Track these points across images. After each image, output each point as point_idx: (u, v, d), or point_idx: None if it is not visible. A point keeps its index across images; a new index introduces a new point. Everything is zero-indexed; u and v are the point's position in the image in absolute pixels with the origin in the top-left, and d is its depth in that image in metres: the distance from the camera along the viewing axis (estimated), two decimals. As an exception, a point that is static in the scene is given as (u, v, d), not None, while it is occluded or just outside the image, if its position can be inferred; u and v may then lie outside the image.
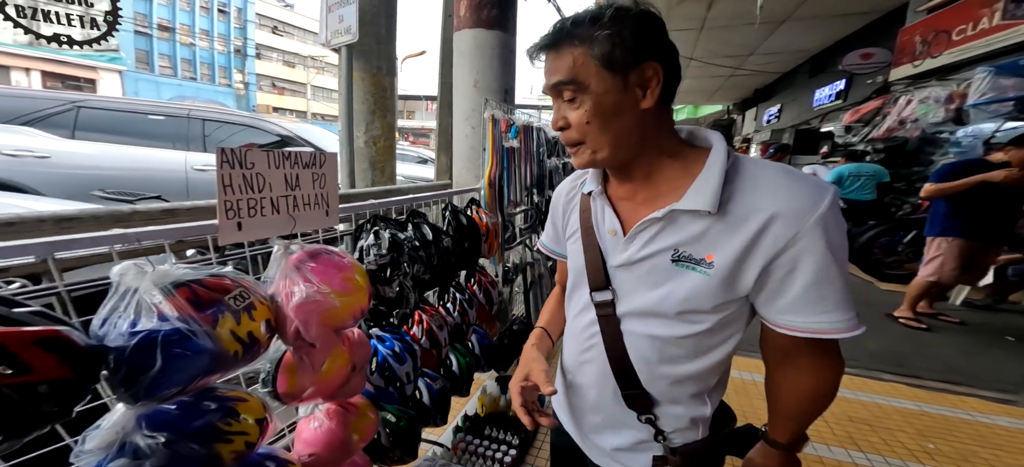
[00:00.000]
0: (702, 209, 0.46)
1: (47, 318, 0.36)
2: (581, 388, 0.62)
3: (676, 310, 0.49)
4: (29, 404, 0.31)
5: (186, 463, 0.47)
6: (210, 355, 0.44)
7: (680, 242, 0.48)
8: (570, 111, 0.49)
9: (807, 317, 0.45)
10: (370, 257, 0.89)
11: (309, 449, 0.80)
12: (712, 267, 0.46)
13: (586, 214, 0.59)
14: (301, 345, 0.63)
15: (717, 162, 0.47)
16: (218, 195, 0.52)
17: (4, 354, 0.30)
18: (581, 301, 0.60)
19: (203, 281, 0.48)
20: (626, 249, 0.53)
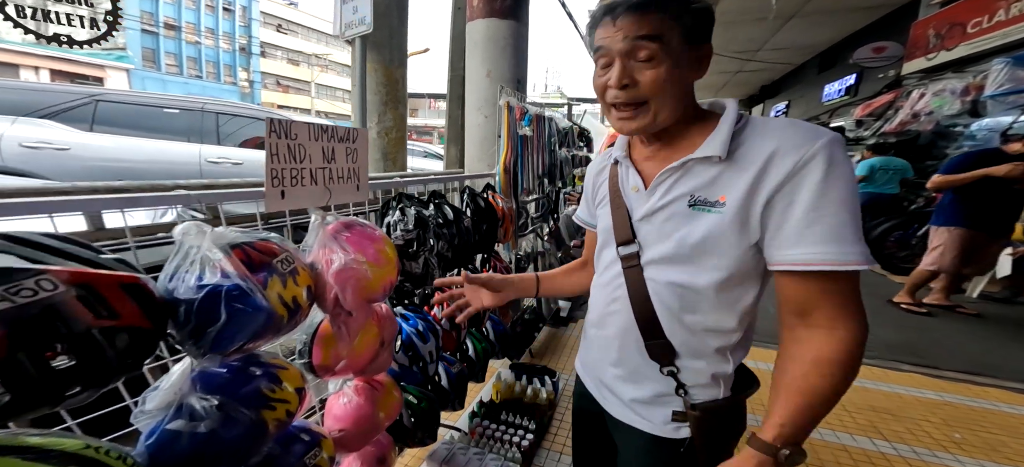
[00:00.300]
0: (713, 155, 0.49)
1: (128, 266, 0.37)
2: (605, 341, 0.64)
3: (693, 252, 0.52)
4: (113, 351, 0.32)
5: (236, 427, 0.48)
6: (265, 314, 0.46)
7: (695, 188, 0.51)
8: (643, 70, 0.49)
9: (809, 247, 0.44)
10: (397, 232, 0.90)
11: (339, 424, 0.81)
12: (724, 206, 0.49)
13: (614, 179, 0.63)
14: (339, 313, 0.64)
15: (729, 117, 0.52)
16: (266, 163, 0.53)
17: (96, 296, 0.31)
18: (608, 258, 0.63)
19: (254, 244, 0.50)
20: (647, 200, 0.56)
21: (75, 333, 0.30)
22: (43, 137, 2.38)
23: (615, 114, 0.54)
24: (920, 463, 1.43)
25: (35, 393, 0.29)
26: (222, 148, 2.79)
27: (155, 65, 19.41)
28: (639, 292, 0.57)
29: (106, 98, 2.65)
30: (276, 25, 26.34)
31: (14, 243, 0.30)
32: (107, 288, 0.32)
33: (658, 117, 0.52)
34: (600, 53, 0.52)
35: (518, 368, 1.86)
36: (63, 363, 0.30)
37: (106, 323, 0.32)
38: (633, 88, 0.50)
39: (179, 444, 0.42)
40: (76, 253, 0.33)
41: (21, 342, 0.27)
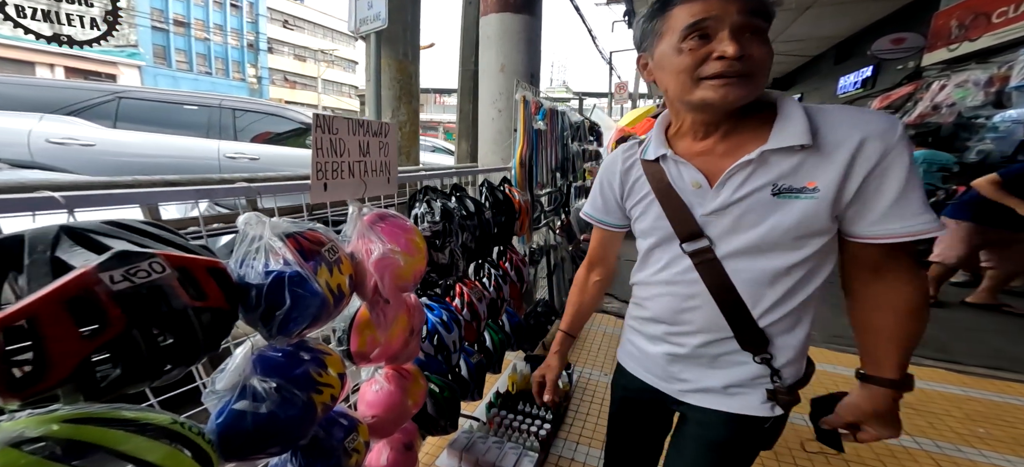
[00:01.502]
0: (795, 144, 0.51)
1: (209, 251, 0.39)
2: (685, 337, 0.65)
3: (785, 238, 0.54)
4: (201, 329, 0.35)
5: (292, 408, 0.51)
6: (320, 299, 0.48)
7: (776, 178, 0.53)
8: (756, 45, 0.51)
9: (900, 222, 0.50)
10: (424, 224, 0.92)
11: (372, 411, 0.84)
12: (817, 191, 0.51)
13: (659, 176, 0.63)
14: (378, 301, 0.66)
15: (794, 106, 0.54)
16: (313, 157, 0.55)
17: (190, 278, 0.33)
18: (666, 255, 0.64)
19: (305, 234, 0.52)
20: (716, 197, 0.57)
21: (176, 312, 0.32)
22: (69, 133, 2.45)
23: (716, 82, 0.52)
24: (943, 457, 1.42)
25: (142, 367, 0.31)
26: (239, 144, 2.85)
27: (166, 62, 19.67)
28: (722, 285, 0.58)
29: (129, 95, 2.71)
30: (283, 21, 26.44)
31: (122, 229, 0.33)
32: (198, 271, 0.35)
33: (755, 92, 0.53)
34: (699, 26, 0.51)
35: (533, 360, 1.89)
36: (164, 341, 0.33)
37: (198, 304, 0.34)
38: (748, 61, 0.51)
39: (244, 423, 0.45)
40: (170, 238, 0.36)
41: (136, 319, 0.30)
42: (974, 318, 2.59)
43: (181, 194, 0.48)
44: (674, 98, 0.58)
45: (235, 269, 0.42)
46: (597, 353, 2.17)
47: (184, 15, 20.06)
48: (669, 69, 0.56)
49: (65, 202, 0.37)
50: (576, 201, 3.15)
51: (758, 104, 0.57)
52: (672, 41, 0.54)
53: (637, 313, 0.74)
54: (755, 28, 0.50)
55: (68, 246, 0.30)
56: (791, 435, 0.72)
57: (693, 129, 0.60)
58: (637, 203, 0.68)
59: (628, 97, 11.82)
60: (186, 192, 0.48)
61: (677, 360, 0.67)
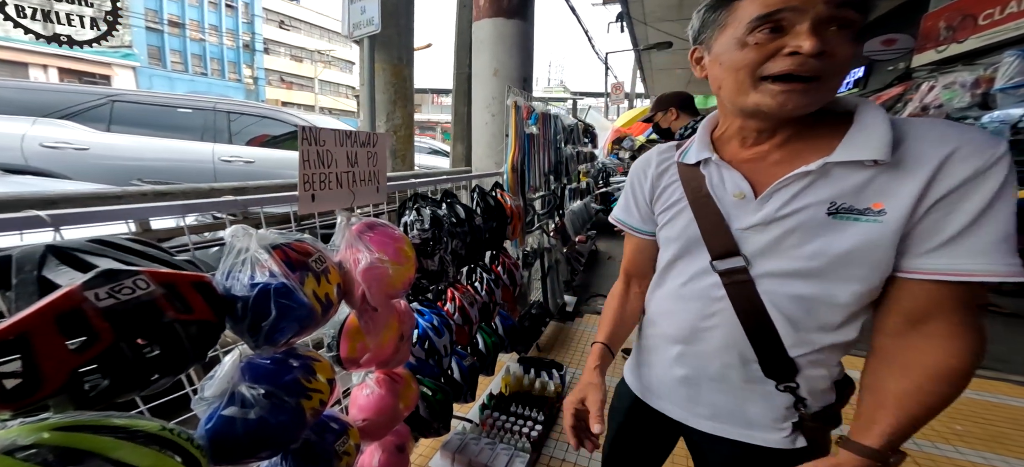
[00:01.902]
0: (867, 159, 0.43)
1: (194, 266, 0.41)
2: (700, 356, 0.58)
3: (833, 265, 0.46)
4: (188, 341, 0.37)
5: (281, 414, 0.53)
6: (307, 309, 0.50)
7: (836, 195, 0.45)
8: (841, 41, 0.42)
9: (960, 259, 0.41)
10: (414, 232, 0.94)
11: (363, 414, 0.86)
12: (883, 215, 0.43)
13: (696, 182, 0.56)
14: (366, 309, 0.68)
15: (876, 114, 0.45)
16: (300, 170, 0.57)
17: (175, 293, 0.35)
18: (691, 269, 0.57)
19: (292, 245, 0.54)
20: (759, 210, 0.50)
21: (161, 325, 0.34)
22: (63, 137, 2.45)
23: (778, 87, 0.44)
24: (921, 455, 1.45)
25: (129, 378, 0.33)
26: (234, 147, 2.85)
27: (161, 63, 19.55)
28: (751, 307, 0.51)
29: (122, 98, 2.71)
30: (279, 21, 26.34)
31: (108, 246, 0.34)
32: (184, 286, 0.36)
33: (824, 98, 0.45)
34: (772, 17, 0.43)
35: (526, 361, 1.91)
36: (149, 352, 0.34)
37: (184, 317, 0.36)
38: (827, 60, 0.42)
39: (234, 429, 0.46)
40: (155, 255, 0.37)
41: (122, 333, 0.31)
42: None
43: (167, 209, 0.50)
44: (726, 99, 0.51)
45: (222, 281, 0.44)
46: (588, 354, 2.19)
47: (179, 16, 19.95)
48: (727, 65, 0.48)
49: (51, 221, 0.38)
50: (570, 203, 3.18)
51: (829, 111, 0.49)
52: (736, 34, 0.46)
53: (650, 331, 0.67)
54: (844, 21, 0.41)
55: (54, 265, 0.32)
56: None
57: (742, 134, 0.53)
58: (666, 209, 0.61)
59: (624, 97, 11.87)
60: (172, 206, 0.49)
61: (691, 383, 0.60)
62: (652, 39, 6.17)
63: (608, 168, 5.62)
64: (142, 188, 0.66)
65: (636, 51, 7.13)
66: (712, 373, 0.58)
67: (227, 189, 0.74)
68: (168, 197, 0.67)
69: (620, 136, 6.55)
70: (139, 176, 2.35)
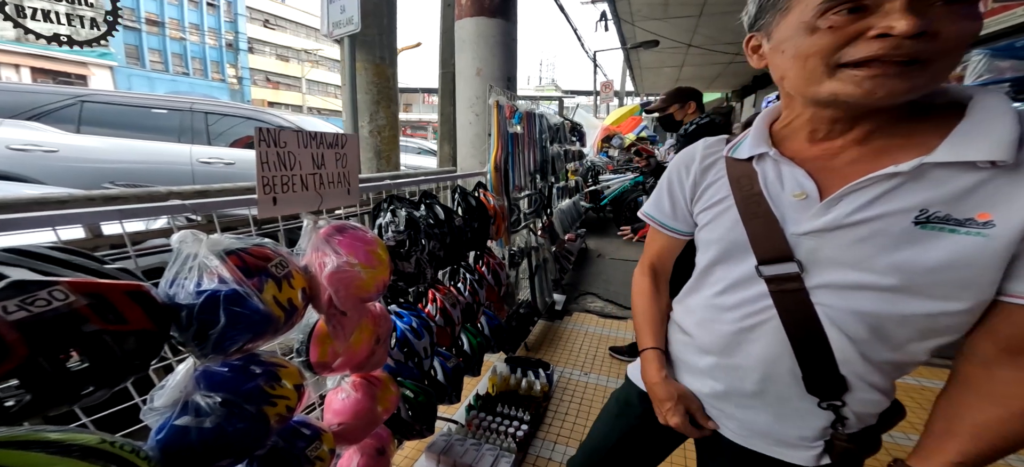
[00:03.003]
0: (981, 159, 0.36)
1: (131, 275, 0.39)
2: (735, 368, 0.53)
3: (917, 282, 0.39)
4: (123, 353, 0.35)
5: (240, 422, 0.52)
6: (262, 316, 0.48)
7: (930, 201, 0.38)
8: (953, 17, 0.34)
9: None
10: (388, 234, 0.92)
11: (338, 418, 0.85)
12: (991, 227, 0.36)
13: (747, 179, 0.50)
14: (333, 313, 0.67)
15: (1000, 104, 0.37)
16: (257, 172, 0.55)
17: (104, 304, 0.34)
18: (733, 275, 0.52)
19: (249, 250, 0.52)
20: (825, 213, 0.43)
21: (87, 337, 0.33)
22: (30, 139, 2.35)
23: (863, 72, 0.37)
24: (893, 445, 1.49)
25: (53, 392, 0.32)
26: (213, 148, 2.78)
27: (140, 62, 18.97)
28: (802, 320, 0.45)
29: (91, 98, 2.62)
30: (263, 20, 25.79)
31: (24, 256, 0.33)
32: (114, 296, 0.35)
33: (930, 85, 0.37)
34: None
35: (513, 361, 1.91)
36: (77, 364, 0.33)
37: (115, 327, 0.34)
38: (930, 40, 0.35)
39: (188, 438, 0.45)
40: (83, 264, 0.36)
41: (38, 347, 0.30)
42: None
43: (106, 215, 0.48)
44: (794, 89, 0.44)
45: (165, 290, 0.42)
46: (577, 353, 2.20)
47: (157, 14, 19.37)
48: (793, 53, 0.42)
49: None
50: (559, 201, 3.19)
51: (932, 102, 0.41)
52: (803, 16, 0.39)
53: (679, 337, 0.62)
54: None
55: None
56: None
57: (812, 125, 0.46)
58: (708, 208, 0.55)
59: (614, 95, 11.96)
60: (109, 212, 0.47)
61: (722, 397, 0.56)
62: (640, 38, 6.23)
63: (597, 166, 5.65)
64: (91, 193, 0.63)
65: (624, 50, 7.19)
66: (748, 388, 0.52)
67: (189, 192, 0.71)
68: (118, 201, 0.65)
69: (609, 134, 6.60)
70: (112, 179, 2.28)
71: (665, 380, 0.61)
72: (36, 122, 2.40)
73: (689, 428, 0.59)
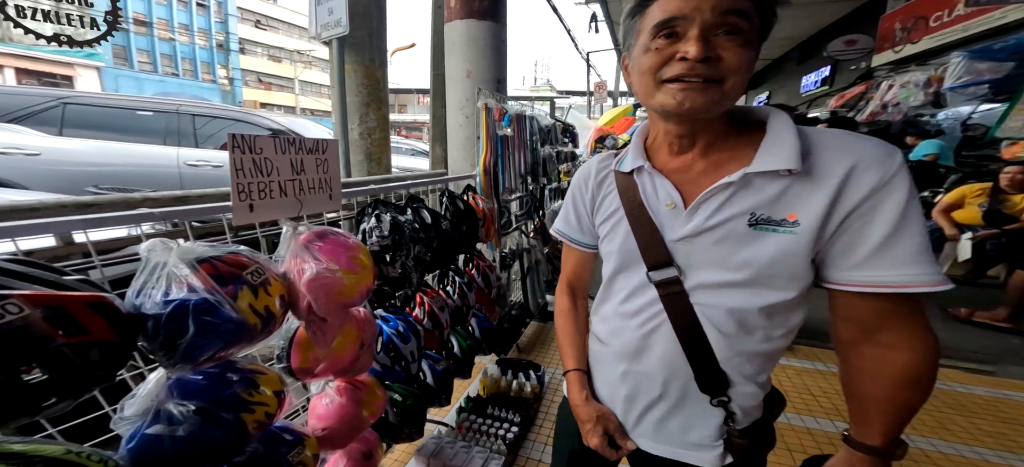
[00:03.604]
0: (781, 168, 0.45)
1: (92, 286, 0.39)
2: (643, 375, 0.57)
3: (759, 275, 0.47)
4: (84, 364, 0.35)
5: (216, 429, 0.51)
6: (235, 324, 0.48)
7: (756, 206, 0.47)
8: (728, 45, 0.43)
9: (886, 269, 0.42)
10: (372, 239, 0.92)
11: (322, 423, 0.84)
12: (797, 225, 0.45)
13: (632, 192, 0.56)
14: (313, 320, 0.66)
15: (785, 125, 0.47)
16: (231, 178, 0.55)
17: (62, 316, 0.33)
18: (631, 283, 0.56)
19: (223, 257, 0.52)
20: (689, 220, 0.50)
21: (45, 350, 0.32)
22: (11, 142, 2.30)
23: (677, 86, 0.46)
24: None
25: (10, 405, 0.31)
26: (201, 151, 2.74)
27: (128, 62, 18.63)
28: (686, 321, 0.51)
29: (74, 101, 2.57)
30: (255, 21, 25.51)
31: None
32: (74, 307, 0.35)
33: (726, 101, 0.46)
34: (668, 24, 0.45)
35: (504, 363, 1.91)
36: (36, 377, 0.32)
37: (75, 339, 0.34)
38: (715, 63, 0.44)
39: (160, 447, 0.45)
40: (40, 276, 0.35)
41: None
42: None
43: (72, 224, 0.47)
44: (640, 100, 0.52)
45: (131, 300, 0.42)
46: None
47: (145, 14, 19.05)
48: (638, 70, 0.50)
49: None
50: (551, 203, 3.20)
51: (746, 120, 0.51)
52: (644, 40, 0.48)
53: (598, 348, 0.65)
54: (731, 27, 0.43)
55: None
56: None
57: (668, 141, 0.54)
58: (606, 220, 0.60)
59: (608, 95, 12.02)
60: (73, 222, 0.47)
61: (634, 401, 0.59)
62: (631, 39, 6.26)
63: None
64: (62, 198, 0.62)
65: (618, 50, 7.25)
66: (656, 392, 0.57)
67: (165, 200, 0.70)
68: (89, 209, 0.64)
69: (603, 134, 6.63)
70: (96, 182, 2.24)
71: (586, 401, 0.64)
72: (17, 125, 2.35)
73: (607, 449, 0.62)
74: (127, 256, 0.71)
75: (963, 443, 1.52)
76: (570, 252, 0.71)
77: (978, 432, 1.58)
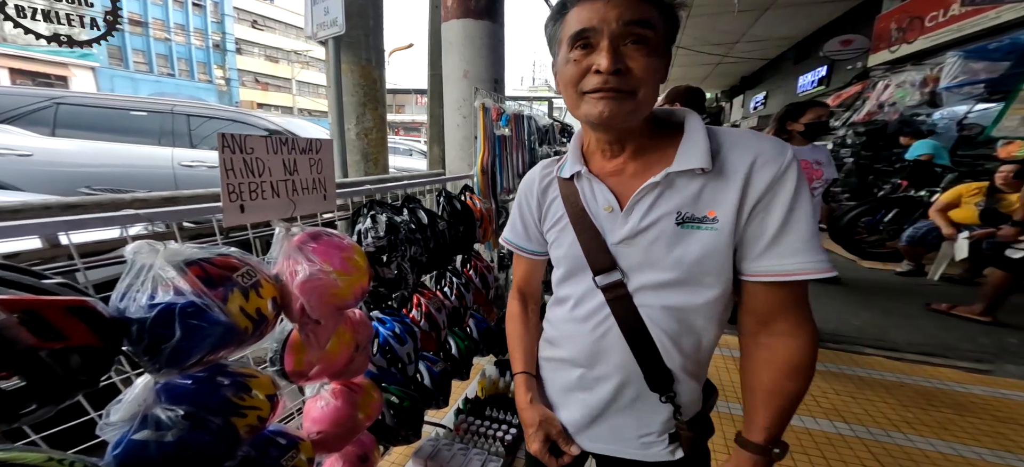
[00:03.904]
0: (696, 167, 0.47)
1: (73, 290, 0.38)
2: (598, 380, 0.58)
3: (691, 273, 0.49)
4: (64, 370, 0.34)
5: (205, 434, 0.50)
6: (224, 327, 0.47)
7: (681, 205, 0.49)
8: (636, 55, 0.45)
9: (782, 259, 0.46)
10: (368, 240, 0.91)
11: (317, 427, 0.83)
12: (717, 222, 0.48)
13: (574, 197, 0.56)
14: (306, 322, 0.65)
15: (697, 126, 0.50)
16: (221, 179, 0.54)
17: (40, 321, 0.32)
18: (580, 289, 0.57)
19: (212, 260, 0.51)
20: (626, 222, 0.51)
21: (21, 356, 0.31)
22: (3, 143, 2.27)
23: (596, 97, 0.47)
24: (874, 443, 1.52)
25: None
26: (196, 151, 2.72)
27: (123, 62, 18.51)
28: (632, 323, 0.52)
29: (66, 101, 2.54)
30: (251, 21, 25.41)
31: None
32: (52, 312, 0.33)
33: (640, 109, 0.47)
34: (582, 36, 0.46)
35: (502, 364, 1.90)
36: (13, 384, 0.31)
37: (54, 345, 0.33)
38: (625, 75, 0.45)
39: (147, 452, 0.44)
40: (17, 280, 0.34)
41: None
42: (912, 305, 2.79)
43: (57, 226, 0.46)
44: (568, 110, 0.53)
45: (115, 303, 0.41)
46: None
47: (140, 14, 18.93)
48: (561, 80, 0.51)
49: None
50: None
51: (668, 123, 0.53)
52: (564, 51, 0.49)
53: (551, 353, 0.65)
54: (637, 37, 0.45)
55: None
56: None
57: (599, 146, 0.55)
58: (552, 227, 0.60)
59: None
60: (55, 223, 0.45)
61: (590, 407, 0.59)
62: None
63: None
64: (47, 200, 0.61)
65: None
66: (608, 394, 0.57)
67: (154, 200, 0.69)
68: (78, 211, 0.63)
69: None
70: (89, 183, 2.21)
71: (531, 404, 0.64)
72: (9, 125, 2.32)
73: (546, 456, 0.62)
74: (116, 258, 0.70)
75: (961, 443, 1.53)
76: (520, 260, 0.72)
77: (976, 432, 1.58)
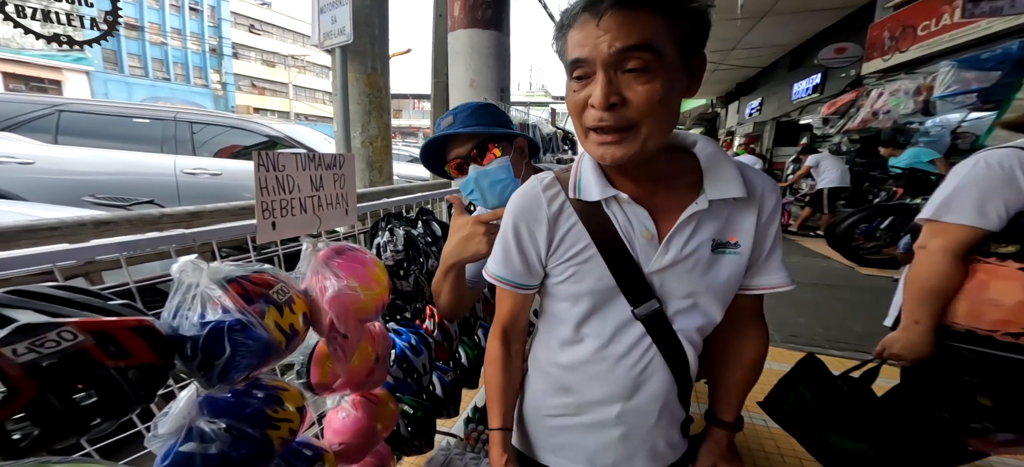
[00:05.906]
0: (737, 195, 0.49)
1: (134, 310, 0.39)
2: (639, 410, 0.56)
3: (718, 294, 0.53)
4: (128, 386, 0.35)
5: (244, 447, 0.51)
6: (265, 344, 0.48)
7: (715, 232, 0.51)
8: (634, 85, 0.40)
9: (770, 276, 0.55)
10: (387, 253, 0.92)
11: (339, 438, 0.84)
12: (739, 247, 0.52)
13: (604, 224, 0.51)
14: (335, 336, 0.66)
15: (719, 153, 0.52)
16: (256, 197, 0.55)
17: (110, 340, 0.33)
18: (612, 323, 0.54)
19: (250, 277, 0.52)
20: (666, 252, 0.50)
21: (95, 374, 0.33)
22: (5, 151, 2.25)
23: (595, 138, 0.44)
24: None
25: (62, 427, 0.32)
26: (198, 158, 2.71)
27: (118, 67, 18.39)
28: (673, 348, 0.54)
29: (69, 108, 2.53)
30: (248, 26, 25.39)
31: (30, 298, 0.33)
32: (119, 332, 0.35)
33: (647, 144, 0.43)
34: (578, 64, 0.42)
35: (509, 371, 1.90)
36: (86, 400, 0.33)
37: (121, 363, 0.35)
38: (621, 108, 0.41)
39: (193, 464, 0.45)
40: (88, 302, 0.35)
41: (48, 386, 0.30)
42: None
43: (105, 248, 0.46)
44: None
45: (168, 321, 0.42)
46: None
47: (136, 18, 18.86)
48: (568, 106, 0.47)
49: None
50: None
51: (674, 145, 0.53)
52: (567, 76, 0.45)
53: (565, 400, 0.59)
54: (637, 63, 0.39)
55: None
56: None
57: (622, 170, 0.50)
58: (571, 258, 0.53)
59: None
60: (108, 245, 0.46)
61: (632, 437, 0.58)
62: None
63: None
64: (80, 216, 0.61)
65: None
66: (652, 421, 0.57)
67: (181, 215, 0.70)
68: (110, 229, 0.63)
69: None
70: (92, 192, 2.20)
71: (506, 465, 0.61)
72: (10, 133, 2.30)
73: None
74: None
75: (962, 444, 1.55)
76: (508, 296, 0.61)
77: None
